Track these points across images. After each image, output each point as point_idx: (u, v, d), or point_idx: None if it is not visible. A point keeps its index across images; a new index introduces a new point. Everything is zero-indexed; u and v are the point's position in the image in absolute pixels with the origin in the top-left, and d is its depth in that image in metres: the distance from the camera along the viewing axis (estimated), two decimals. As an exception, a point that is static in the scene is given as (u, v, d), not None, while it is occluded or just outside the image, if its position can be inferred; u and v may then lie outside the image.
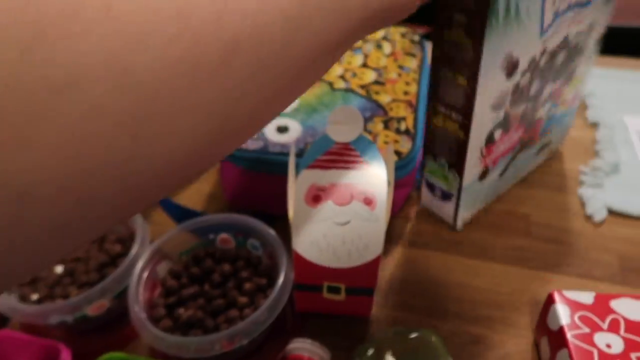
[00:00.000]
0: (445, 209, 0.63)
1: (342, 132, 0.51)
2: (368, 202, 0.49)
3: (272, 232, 0.54)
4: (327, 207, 0.50)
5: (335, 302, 0.50)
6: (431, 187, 0.63)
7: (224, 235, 0.57)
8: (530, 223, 0.64)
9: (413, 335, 0.52)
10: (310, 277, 0.50)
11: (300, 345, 0.49)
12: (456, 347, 0.52)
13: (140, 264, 0.51)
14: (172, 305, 0.52)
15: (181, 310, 0.51)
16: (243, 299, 0.51)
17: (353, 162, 0.50)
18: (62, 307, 0.49)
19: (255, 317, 0.46)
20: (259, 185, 0.63)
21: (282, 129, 0.63)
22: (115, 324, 0.55)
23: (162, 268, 0.55)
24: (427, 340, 0.51)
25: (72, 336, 0.54)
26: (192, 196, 0.71)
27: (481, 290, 0.57)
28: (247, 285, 0.52)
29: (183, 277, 0.54)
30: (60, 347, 0.47)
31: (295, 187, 0.50)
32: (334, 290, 0.49)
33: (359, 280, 0.49)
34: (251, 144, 0.62)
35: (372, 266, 0.49)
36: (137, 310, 0.48)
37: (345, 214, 0.49)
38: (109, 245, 0.58)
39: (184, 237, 0.56)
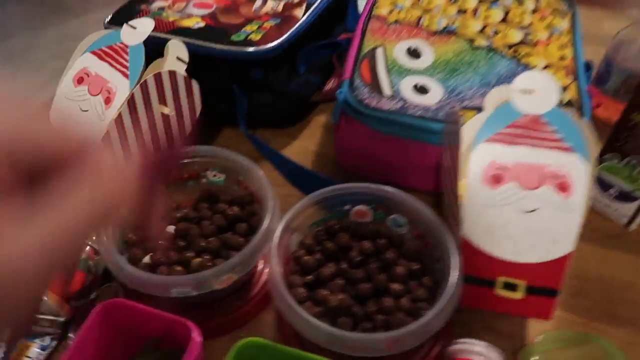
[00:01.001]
0: (619, 209, 0.55)
1: (533, 102, 0.42)
2: (563, 188, 0.41)
3: (428, 210, 0.46)
4: (510, 189, 0.42)
5: (510, 301, 0.43)
6: (604, 185, 0.55)
7: (361, 208, 0.49)
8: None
9: (586, 344, 0.46)
10: (483, 270, 0.42)
11: (469, 347, 0.42)
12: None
13: (275, 240, 0.44)
14: (311, 284, 0.45)
15: (325, 293, 0.43)
16: (396, 286, 0.44)
17: (544, 138, 0.42)
18: (188, 281, 0.42)
19: (429, 318, 0.39)
20: (391, 151, 0.55)
21: (421, 90, 0.54)
22: (233, 297, 0.48)
23: (292, 241, 0.47)
24: (606, 352, 0.45)
25: (188, 308, 0.47)
26: (296, 156, 0.63)
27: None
28: (399, 270, 0.45)
29: (316, 252, 0.47)
30: (191, 326, 0.40)
31: (470, 162, 0.42)
32: (511, 287, 0.42)
33: (543, 278, 0.42)
34: (386, 103, 0.53)
35: (561, 264, 0.41)
36: (284, 292, 0.40)
37: (533, 200, 0.42)
38: (223, 206, 0.50)
39: (314, 208, 0.48)
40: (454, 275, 0.41)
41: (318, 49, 0.62)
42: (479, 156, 0.42)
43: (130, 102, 0.48)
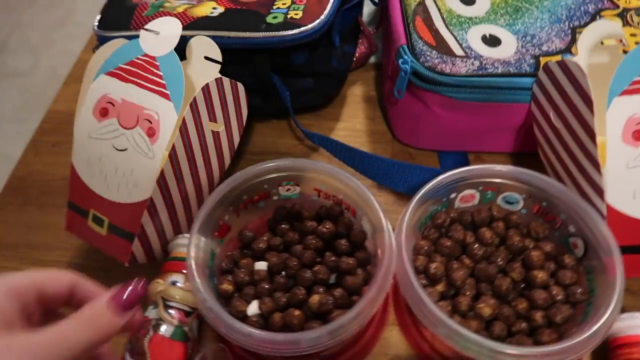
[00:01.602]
0: None
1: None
2: None
3: (553, 182, 0.40)
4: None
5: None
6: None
7: (466, 193, 0.43)
8: None
9: None
10: (635, 236, 0.39)
11: (635, 322, 0.39)
12: None
13: (405, 253, 0.38)
14: (444, 294, 0.40)
15: (468, 301, 0.38)
16: (541, 275, 0.39)
17: None
18: (324, 333, 0.35)
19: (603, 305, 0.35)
20: (469, 118, 0.49)
21: (492, 41, 0.48)
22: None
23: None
24: None
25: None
26: (346, 140, 0.56)
27: None
28: (535, 255, 0.39)
29: (435, 255, 0.41)
30: None
31: (607, 122, 0.37)
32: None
33: None
34: (462, 66, 0.46)
35: None
36: (439, 315, 0.35)
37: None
38: (311, 223, 0.42)
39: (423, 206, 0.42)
40: (613, 247, 0.37)
41: (347, 11, 0.53)
42: (615, 113, 0.37)
43: (183, 128, 0.39)
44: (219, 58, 0.43)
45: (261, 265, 0.42)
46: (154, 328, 0.39)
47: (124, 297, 0.28)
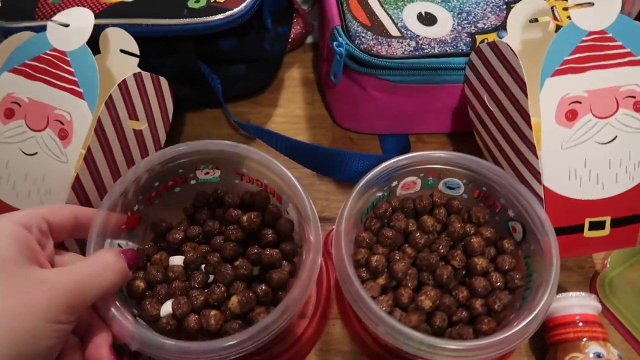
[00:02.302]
0: None
1: (591, 16, 0.37)
2: (639, 107, 0.37)
3: (492, 167, 0.40)
4: (587, 123, 0.37)
5: (597, 240, 0.40)
6: None
7: (408, 180, 0.42)
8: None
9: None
10: (570, 216, 0.39)
11: (565, 302, 0.39)
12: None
13: (342, 244, 0.36)
14: (385, 288, 0.39)
15: (409, 294, 0.38)
16: (481, 262, 0.39)
17: (614, 56, 0.37)
18: (247, 337, 0.32)
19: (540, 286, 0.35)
20: (407, 100, 0.47)
21: (428, 19, 0.46)
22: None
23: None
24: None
25: None
26: (285, 127, 0.53)
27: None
28: (475, 242, 0.39)
29: (377, 247, 0.40)
30: None
31: (540, 103, 0.37)
32: (598, 225, 0.39)
33: (627, 207, 0.39)
34: (398, 47, 0.45)
35: (645, 186, 0.39)
36: (381, 314, 0.34)
37: (611, 128, 0.38)
38: (235, 212, 0.39)
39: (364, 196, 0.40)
40: (549, 230, 0.37)
41: (277, -10, 0.50)
42: (548, 94, 0.37)
43: (99, 129, 0.35)
44: (136, 51, 0.39)
45: (177, 260, 0.38)
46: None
47: (129, 254, 0.31)
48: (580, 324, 0.39)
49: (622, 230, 0.40)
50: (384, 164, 0.39)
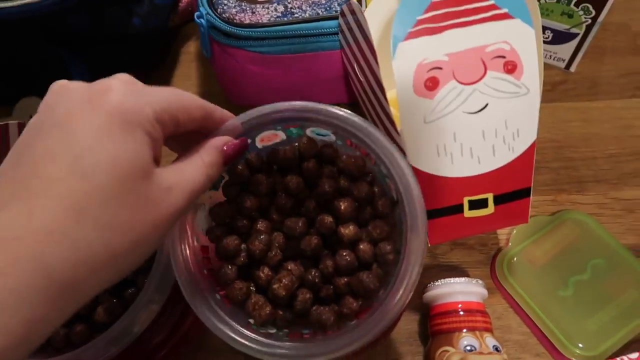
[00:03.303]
0: (556, 53, 0.47)
1: (448, -36, 0.31)
2: (510, 68, 0.32)
3: (354, 116, 0.33)
4: (451, 91, 0.33)
5: (481, 219, 0.36)
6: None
7: (266, 133, 0.36)
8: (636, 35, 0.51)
9: (559, 224, 0.41)
10: (444, 196, 0.35)
11: (446, 289, 0.36)
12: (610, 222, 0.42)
13: (176, 235, 0.33)
14: (243, 267, 0.36)
15: (266, 277, 0.34)
16: (348, 231, 0.33)
17: (476, 11, 0.32)
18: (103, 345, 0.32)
19: (406, 268, 0.31)
20: (286, 73, 0.43)
21: (300, -22, 0.41)
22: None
23: (199, 219, 0.35)
24: (581, 224, 0.40)
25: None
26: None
27: (611, 138, 0.46)
28: (345, 205, 0.33)
29: (239, 220, 0.36)
30: None
31: (395, 73, 0.32)
32: (479, 204, 0.35)
33: (511, 181, 0.35)
34: (264, 12, 0.40)
35: (528, 157, 0.34)
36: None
37: (480, 95, 0.33)
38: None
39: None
40: (416, 202, 0.32)
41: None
42: (402, 61, 0.32)
43: None
44: None
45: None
46: None
47: (231, 151, 0.28)
48: (462, 312, 0.35)
49: (509, 207, 0.35)
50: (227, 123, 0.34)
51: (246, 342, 0.30)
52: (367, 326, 0.29)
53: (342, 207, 0.33)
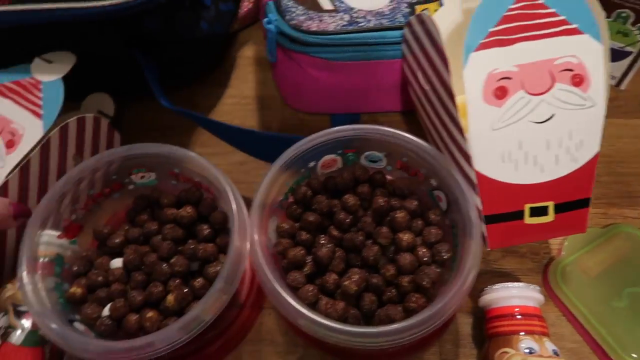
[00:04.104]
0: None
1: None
2: (577, 81, 0.34)
3: (409, 136, 0.37)
4: (519, 101, 0.34)
5: (540, 227, 0.37)
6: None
7: (327, 158, 0.39)
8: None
9: (611, 237, 0.41)
10: (506, 202, 0.36)
11: (504, 293, 0.37)
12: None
13: (254, 235, 0.35)
14: (313, 275, 0.37)
15: (335, 279, 0.36)
16: (407, 237, 0.36)
17: (547, 25, 0.33)
18: (177, 330, 0.32)
19: (466, 267, 0.32)
20: (347, 79, 0.44)
21: (365, -11, 0.43)
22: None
23: (270, 227, 0.38)
24: (632, 237, 0.41)
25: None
26: (233, 108, 0.52)
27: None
28: (400, 216, 0.36)
29: (302, 234, 0.38)
30: None
31: (465, 81, 0.33)
32: (539, 211, 0.36)
33: (572, 191, 0.36)
34: (330, 21, 0.42)
35: (590, 168, 0.35)
36: (298, 308, 0.32)
37: (547, 106, 0.34)
38: (171, 211, 0.39)
39: (281, 179, 0.38)
40: (471, 208, 0.34)
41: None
42: (473, 70, 0.33)
43: (45, 147, 0.38)
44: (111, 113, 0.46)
45: (117, 263, 0.38)
46: (2, 337, 0.37)
47: (18, 206, 0.35)
48: (519, 316, 0.36)
49: (568, 216, 0.36)
50: (296, 145, 0.37)
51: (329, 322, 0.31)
52: (426, 318, 0.31)
53: (399, 217, 0.37)
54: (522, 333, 0.35)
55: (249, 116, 0.51)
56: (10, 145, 0.39)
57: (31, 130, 0.39)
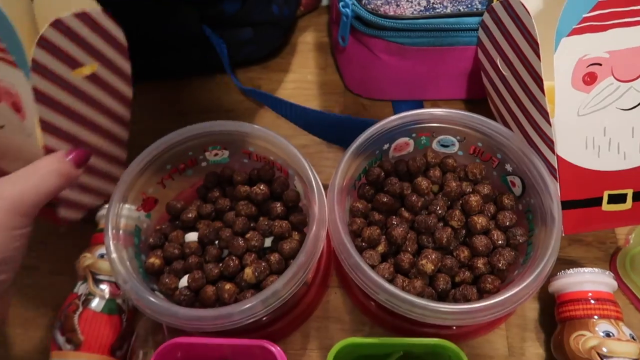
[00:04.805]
0: None
1: (617, -34, 0.33)
2: (667, 69, 0.34)
3: (487, 121, 0.37)
4: (607, 88, 0.34)
5: (617, 214, 0.37)
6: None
7: (400, 142, 0.39)
8: None
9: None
10: (586, 188, 0.36)
11: (577, 278, 0.37)
12: None
13: (338, 221, 0.35)
14: (385, 255, 0.38)
15: (410, 259, 0.36)
16: (482, 220, 0.36)
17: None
18: (257, 303, 0.33)
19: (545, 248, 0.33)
20: (418, 64, 0.45)
21: (441, -24, 0.43)
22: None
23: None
24: None
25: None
26: (295, 92, 0.52)
27: None
28: (473, 200, 0.37)
29: (374, 215, 0.39)
30: (268, 346, 0.34)
31: (555, 66, 0.34)
32: (618, 198, 0.37)
33: (653, 179, 0.36)
34: (407, 6, 0.42)
35: (673, 157, 0.35)
36: (383, 284, 0.33)
37: (635, 93, 0.34)
38: (244, 188, 0.39)
39: (355, 162, 0.39)
40: (553, 194, 0.35)
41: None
42: (563, 55, 0.34)
43: (39, 96, 0.33)
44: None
45: (192, 237, 0.39)
46: (83, 303, 0.38)
47: (75, 154, 0.32)
48: (592, 301, 0.36)
49: (645, 205, 0.37)
50: (373, 127, 0.38)
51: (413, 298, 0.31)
52: (504, 299, 0.32)
53: (472, 201, 0.37)
54: (597, 317, 0.36)
55: (310, 100, 0.52)
56: (17, 109, 0.34)
57: (20, 85, 0.33)
